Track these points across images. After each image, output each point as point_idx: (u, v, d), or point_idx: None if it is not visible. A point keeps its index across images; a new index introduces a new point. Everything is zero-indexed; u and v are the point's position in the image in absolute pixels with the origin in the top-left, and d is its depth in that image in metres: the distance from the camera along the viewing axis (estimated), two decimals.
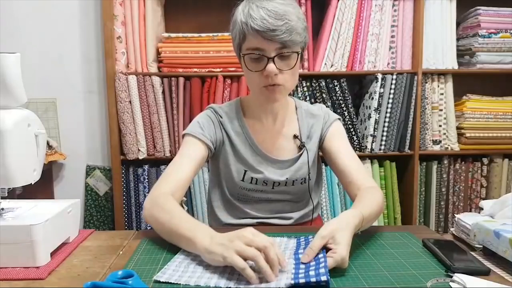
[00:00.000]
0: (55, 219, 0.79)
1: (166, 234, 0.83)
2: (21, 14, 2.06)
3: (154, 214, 0.86)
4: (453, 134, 2.06)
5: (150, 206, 0.88)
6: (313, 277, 0.65)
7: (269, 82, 0.93)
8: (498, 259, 0.80)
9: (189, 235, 0.76)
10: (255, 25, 0.89)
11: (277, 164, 1.07)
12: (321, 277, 0.65)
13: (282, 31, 0.88)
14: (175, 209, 0.84)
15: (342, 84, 1.96)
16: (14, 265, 0.74)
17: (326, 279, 0.64)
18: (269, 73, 0.91)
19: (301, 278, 0.66)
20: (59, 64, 2.11)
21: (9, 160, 0.74)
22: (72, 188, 2.19)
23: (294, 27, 0.90)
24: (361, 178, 1.00)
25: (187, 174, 0.96)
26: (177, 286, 0.67)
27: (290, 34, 0.89)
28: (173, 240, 0.81)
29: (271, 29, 0.88)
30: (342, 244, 0.71)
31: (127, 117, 1.93)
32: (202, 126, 1.04)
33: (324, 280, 0.64)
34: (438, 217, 2.11)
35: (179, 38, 1.92)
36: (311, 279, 0.65)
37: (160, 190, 0.92)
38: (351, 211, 0.82)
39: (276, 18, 0.88)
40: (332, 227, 0.75)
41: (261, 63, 0.93)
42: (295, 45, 0.92)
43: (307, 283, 0.65)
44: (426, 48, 1.98)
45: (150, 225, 0.88)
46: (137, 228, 2.04)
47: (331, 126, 1.10)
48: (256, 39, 0.91)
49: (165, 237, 0.84)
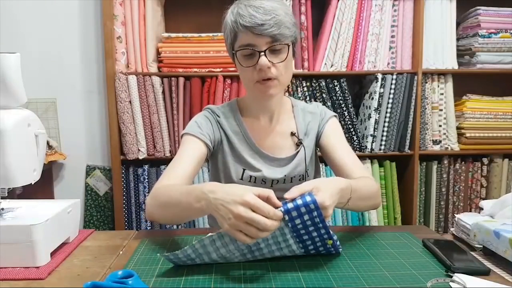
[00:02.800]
0: (55, 219, 0.79)
1: (173, 210, 0.85)
2: (21, 14, 2.06)
3: (157, 200, 0.88)
4: (453, 134, 2.06)
5: (150, 198, 0.90)
6: (299, 199, 0.70)
7: (263, 76, 0.95)
8: (498, 259, 0.80)
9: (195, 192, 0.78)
10: (244, 21, 0.91)
11: (275, 162, 1.08)
12: (306, 197, 0.69)
13: (271, 25, 0.91)
14: (175, 187, 0.87)
15: (342, 84, 1.96)
16: (14, 265, 0.74)
17: (311, 199, 0.69)
18: (261, 66, 0.93)
19: (288, 203, 0.71)
20: (59, 64, 2.11)
21: (9, 160, 0.74)
22: (72, 188, 2.19)
23: (282, 21, 0.92)
24: (358, 172, 1.01)
25: (188, 171, 0.97)
26: (178, 286, 0.67)
27: (279, 27, 0.92)
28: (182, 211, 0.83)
29: (259, 24, 0.90)
30: (324, 190, 0.72)
31: (127, 117, 1.93)
32: (200, 125, 1.05)
33: (310, 200, 0.69)
34: (438, 217, 2.11)
35: (179, 38, 1.92)
36: (298, 201, 0.70)
37: (160, 184, 0.93)
38: (340, 177, 0.86)
39: (263, 14, 0.91)
40: (319, 180, 0.80)
41: (253, 59, 0.95)
42: (285, 38, 0.94)
43: (295, 206, 0.70)
44: (426, 48, 1.98)
45: (155, 217, 0.90)
46: (137, 228, 2.04)
47: (327, 123, 1.11)
48: (246, 36, 0.93)
49: (173, 215, 0.86)
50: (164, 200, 0.86)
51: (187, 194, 0.79)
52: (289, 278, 0.70)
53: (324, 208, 0.71)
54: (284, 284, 0.69)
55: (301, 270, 0.73)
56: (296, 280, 0.70)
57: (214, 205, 0.72)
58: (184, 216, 0.86)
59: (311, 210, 0.70)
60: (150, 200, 0.91)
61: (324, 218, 0.72)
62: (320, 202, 0.70)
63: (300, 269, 0.74)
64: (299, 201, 0.70)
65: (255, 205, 0.67)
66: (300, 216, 0.71)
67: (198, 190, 0.76)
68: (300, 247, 0.76)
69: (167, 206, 0.85)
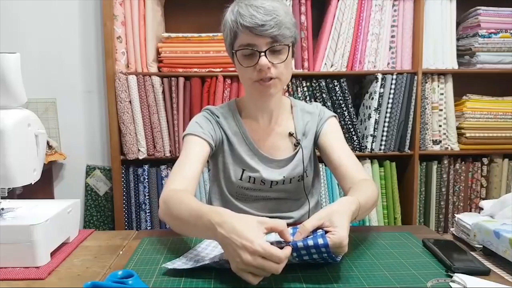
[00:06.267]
0: (55, 219, 0.79)
1: (184, 226, 0.81)
2: (21, 14, 2.06)
3: (169, 209, 0.84)
4: (453, 134, 2.06)
5: (163, 203, 0.87)
6: (310, 240, 0.67)
7: (263, 76, 0.94)
8: (498, 259, 0.80)
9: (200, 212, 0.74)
10: (245, 21, 0.91)
11: (274, 163, 1.08)
12: (318, 240, 0.66)
13: (271, 25, 0.90)
14: (184, 201, 0.83)
15: (342, 84, 1.96)
16: (14, 265, 0.74)
17: (324, 242, 0.65)
18: (261, 66, 0.92)
19: (298, 242, 0.68)
20: (59, 64, 2.11)
21: (9, 160, 0.74)
22: (72, 188, 2.19)
23: (282, 21, 0.92)
24: (356, 173, 1.00)
25: (195, 171, 0.96)
26: (178, 286, 0.67)
27: (279, 28, 0.91)
28: (192, 229, 0.79)
29: (260, 24, 0.90)
30: (340, 226, 0.69)
31: (127, 117, 1.93)
32: (201, 125, 1.05)
33: (322, 243, 0.65)
34: (438, 217, 2.11)
35: (179, 38, 1.92)
36: (308, 241, 0.66)
37: (171, 187, 0.91)
38: (348, 197, 0.82)
39: (264, 14, 0.90)
40: (330, 210, 0.73)
41: (253, 59, 0.94)
42: (285, 39, 0.94)
43: (305, 246, 0.67)
44: (426, 48, 1.98)
45: (168, 224, 0.87)
46: (137, 228, 2.04)
47: (325, 123, 1.11)
48: (247, 36, 0.92)
49: (184, 229, 0.82)
50: (175, 214, 0.82)
51: (196, 217, 0.75)
52: (289, 278, 0.70)
53: (341, 247, 0.68)
54: (284, 284, 0.69)
55: (301, 270, 0.73)
56: (296, 280, 0.70)
57: (222, 242, 0.68)
58: (194, 235, 0.82)
59: (322, 251, 0.68)
60: (162, 205, 0.88)
61: (333, 255, 0.69)
62: (338, 242, 0.67)
63: (300, 269, 0.74)
64: (310, 242, 0.67)
65: (266, 255, 0.64)
66: (309, 254, 0.69)
67: (205, 218, 0.72)
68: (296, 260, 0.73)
69: (178, 221, 0.82)
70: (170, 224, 0.85)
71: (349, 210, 0.75)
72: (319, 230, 0.70)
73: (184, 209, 0.80)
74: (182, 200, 0.82)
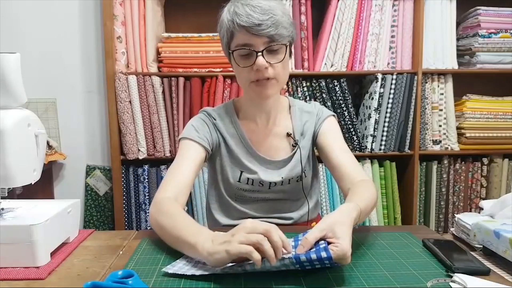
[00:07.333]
0: (55, 219, 0.79)
1: (170, 240, 0.81)
2: (21, 14, 2.06)
3: (158, 220, 0.84)
4: (453, 134, 2.06)
5: (155, 212, 0.86)
6: (313, 253, 0.66)
7: (260, 76, 0.94)
8: (498, 259, 0.80)
9: (191, 241, 0.73)
10: (241, 21, 0.90)
11: (272, 165, 1.07)
12: (321, 253, 0.65)
13: (268, 25, 0.89)
14: (178, 214, 0.83)
15: (342, 84, 1.96)
16: (14, 265, 0.74)
17: (327, 256, 0.65)
18: (259, 66, 0.92)
19: (301, 255, 0.67)
20: (59, 64, 2.11)
21: (9, 160, 0.74)
22: (72, 188, 2.19)
23: (279, 21, 0.91)
24: (354, 173, 0.99)
25: (188, 177, 0.96)
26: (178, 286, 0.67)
27: (276, 27, 0.90)
28: (177, 246, 0.79)
29: (257, 24, 0.89)
30: (343, 238, 0.67)
31: (127, 117, 1.93)
32: (197, 129, 1.04)
33: (325, 256, 0.65)
34: (438, 217, 2.11)
35: (179, 38, 1.92)
36: (311, 255, 0.66)
37: (163, 195, 0.90)
38: (349, 204, 0.80)
39: (261, 13, 0.89)
40: (331, 220, 0.72)
41: (250, 59, 0.94)
42: (282, 38, 0.93)
43: (308, 259, 0.66)
44: (426, 48, 1.98)
45: (155, 231, 0.86)
46: (137, 228, 2.04)
47: (324, 122, 1.10)
48: (243, 35, 0.92)
49: (169, 243, 0.82)
50: (165, 225, 0.81)
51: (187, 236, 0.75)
52: (289, 277, 0.70)
53: (345, 258, 0.67)
54: (284, 283, 0.69)
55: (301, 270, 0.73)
56: (296, 280, 0.70)
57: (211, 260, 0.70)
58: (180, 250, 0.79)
59: (325, 263, 0.67)
60: (153, 212, 0.87)
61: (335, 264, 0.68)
62: (341, 255, 0.66)
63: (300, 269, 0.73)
64: (313, 256, 0.66)
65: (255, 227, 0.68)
66: (311, 266, 0.68)
67: (199, 245, 0.71)
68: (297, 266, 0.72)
69: (167, 233, 0.81)
70: (160, 235, 0.84)
71: (351, 218, 0.74)
72: (321, 242, 0.70)
73: (175, 226, 0.79)
74: (171, 212, 0.84)
